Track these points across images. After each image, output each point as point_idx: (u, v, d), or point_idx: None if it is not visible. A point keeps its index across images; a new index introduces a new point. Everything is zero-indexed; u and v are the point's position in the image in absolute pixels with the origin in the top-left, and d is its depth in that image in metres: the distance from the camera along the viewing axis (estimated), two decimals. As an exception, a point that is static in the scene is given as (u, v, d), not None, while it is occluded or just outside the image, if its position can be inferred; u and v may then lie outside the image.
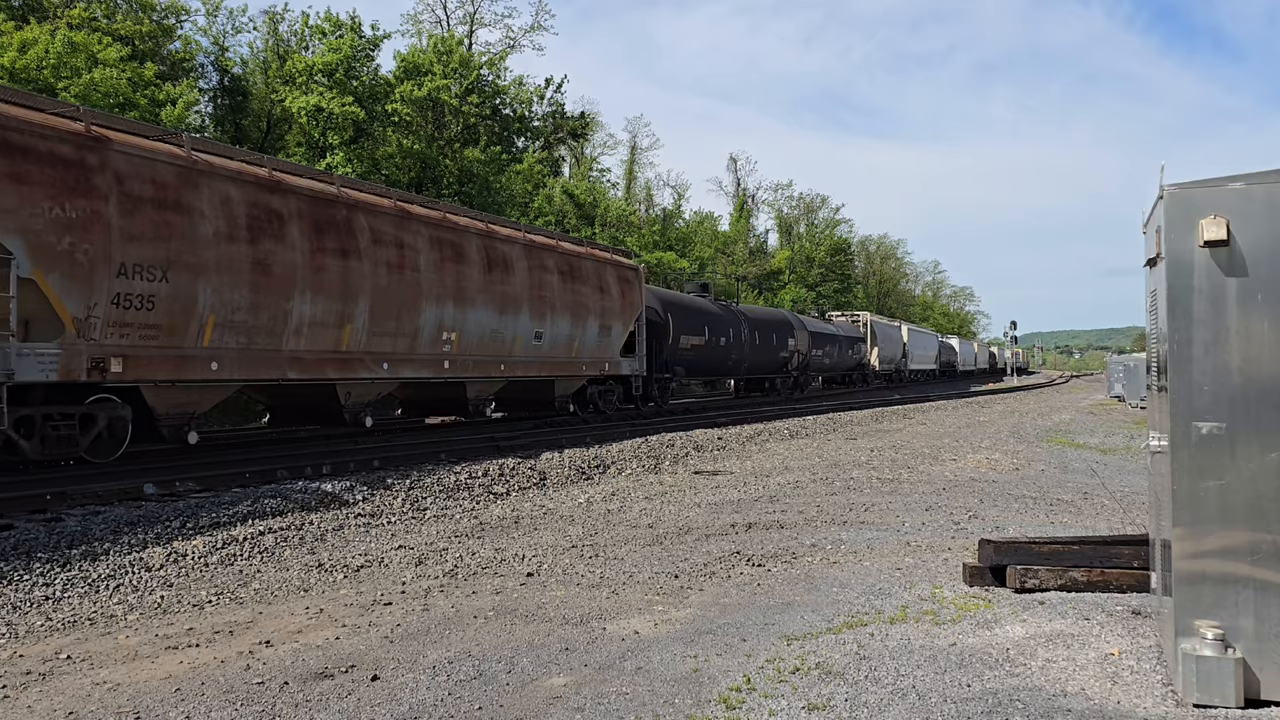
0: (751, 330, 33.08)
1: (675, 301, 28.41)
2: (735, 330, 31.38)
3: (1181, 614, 4.33)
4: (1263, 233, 4.28)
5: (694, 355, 28.49)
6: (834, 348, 42.94)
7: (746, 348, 32.48)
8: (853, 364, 47.40)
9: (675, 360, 27.11)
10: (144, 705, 4.52)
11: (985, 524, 9.20)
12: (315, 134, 29.03)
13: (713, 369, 31.46)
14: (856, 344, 47.64)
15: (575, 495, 11.54)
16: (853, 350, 46.63)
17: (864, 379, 50.32)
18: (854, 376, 49.20)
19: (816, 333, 40.92)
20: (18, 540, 7.86)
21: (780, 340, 35.92)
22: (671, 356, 26.73)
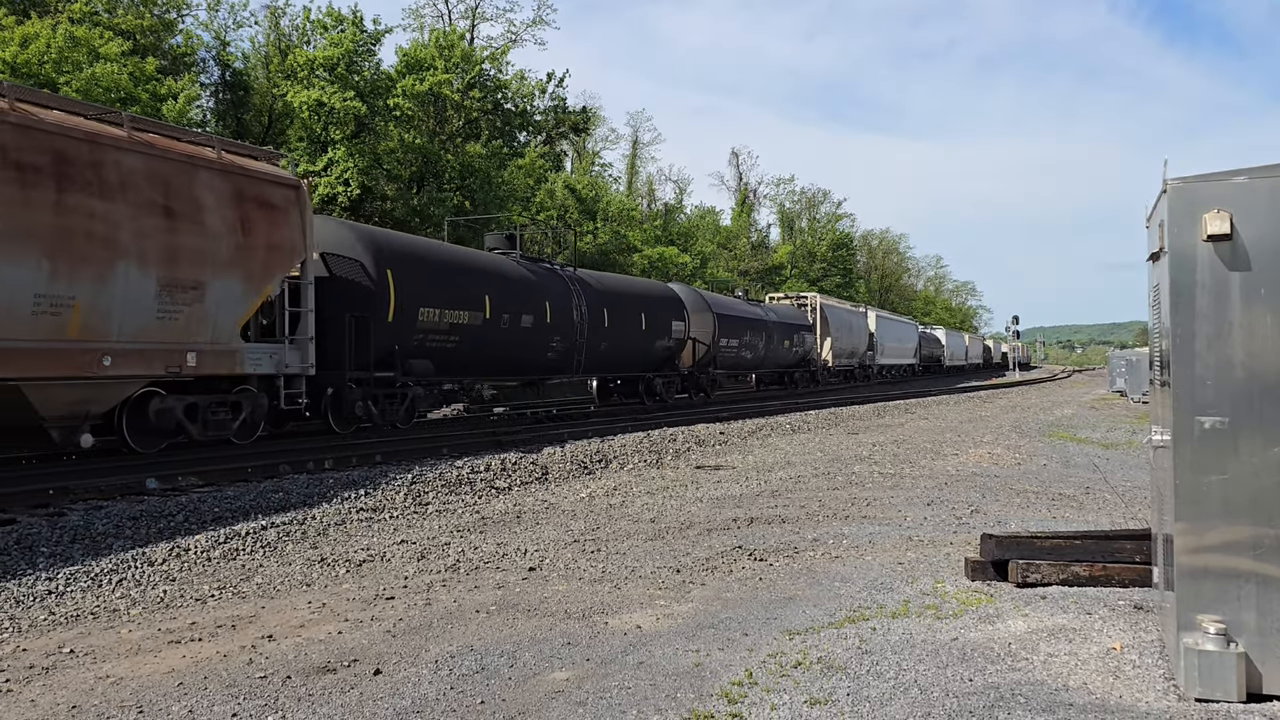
0: (598, 307, 22.18)
1: (410, 252, 16.97)
2: (555, 305, 20.40)
3: (1183, 608, 4.33)
4: (1266, 227, 4.27)
5: (456, 345, 17.40)
6: (758, 337, 32.82)
7: (584, 332, 21.40)
8: (793, 358, 37.51)
9: (415, 351, 16.56)
10: (147, 699, 4.53)
11: (987, 519, 9.20)
12: (317, 129, 29.00)
13: (504, 364, 19.54)
14: (798, 333, 37.47)
15: (577, 490, 11.55)
16: (792, 341, 36.61)
17: (811, 377, 40.08)
18: (796, 375, 38.84)
19: (728, 316, 30.64)
20: (20, 535, 7.88)
21: (658, 325, 25.34)
22: (404, 345, 16.16)
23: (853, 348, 46.20)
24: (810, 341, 39.30)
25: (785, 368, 37.59)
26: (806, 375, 39.54)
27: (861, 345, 48.07)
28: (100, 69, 22.59)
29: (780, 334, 35.29)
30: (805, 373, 39.29)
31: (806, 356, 39.15)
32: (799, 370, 38.84)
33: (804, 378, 39.37)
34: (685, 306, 27.35)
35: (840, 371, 45.42)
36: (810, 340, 39.29)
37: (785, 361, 36.93)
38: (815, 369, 40.41)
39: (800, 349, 37.88)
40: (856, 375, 48.27)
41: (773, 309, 36.73)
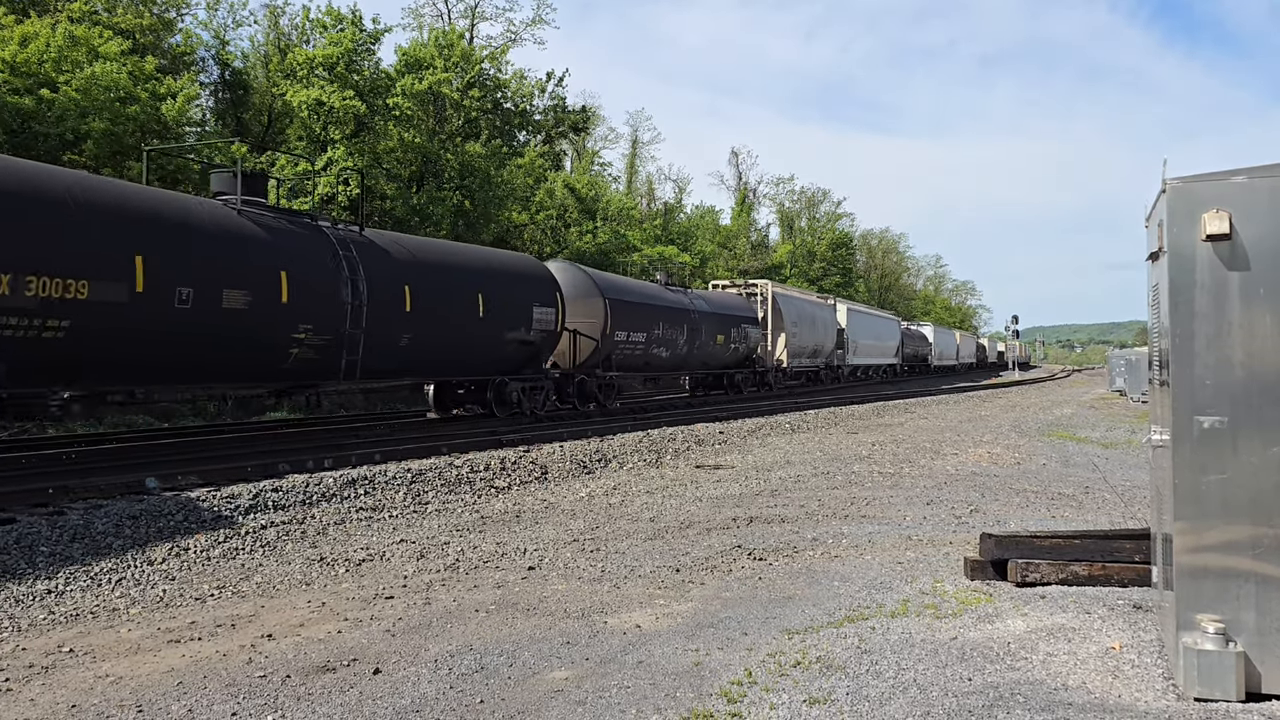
0: (394, 284, 15.31)
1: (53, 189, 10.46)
2: (302, 276, 13.62)
3: (1183, 608, 4.33)
4: (1265, 227, 4.27)
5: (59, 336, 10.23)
6: (676, 331, 25.78)
7: (360, 319, 14.46)
8: (733, 357, 30.50)
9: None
10: (146, 698, 4.53)
11: (986, 518, 9.20)
12: (316, 128, 28.99)
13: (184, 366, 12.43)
14: (738, 327, 30.29)
15: (576, 489, 11.55)
16: (730, 336, 29.50)
17: (759, 380, 33.32)
18: (738, 378, 31.87)
19: (627, 303, 23.21)
20: (20, 534, 7.87)
21: (509, 311, 18.26)
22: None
23: (816, 345, 38.91)
24: (756, 337, 32.01)
25: (722, 369, 30.48)
26: (752, 378, 32.74)
27: (828, 342, 40.59)
28: (100, 68, 22.55)
29: (712, 328, 28.09)
30: (750, 374, 32.53)
31: (752, 355, 32.20)
32: (741, 372, 31.88)
33: (747, 380, 32.51)
34: (559, 289, 20.30)
35: (802, 373, 38.42)
36: (756, 336, 31.96)
37: (721, 361, 29.80)
38: (765, 370, 33.42)
39: (743, 346, 30.80)
40: (823, 377, 40.81)
41: (702, 296, 29.32)
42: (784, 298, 36.00)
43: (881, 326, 54.90)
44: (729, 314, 30.25)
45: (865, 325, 50.01)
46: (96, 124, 22.23)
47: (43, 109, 21.57)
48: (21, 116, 21.37)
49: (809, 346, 38.00)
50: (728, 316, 29.97)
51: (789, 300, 36.59)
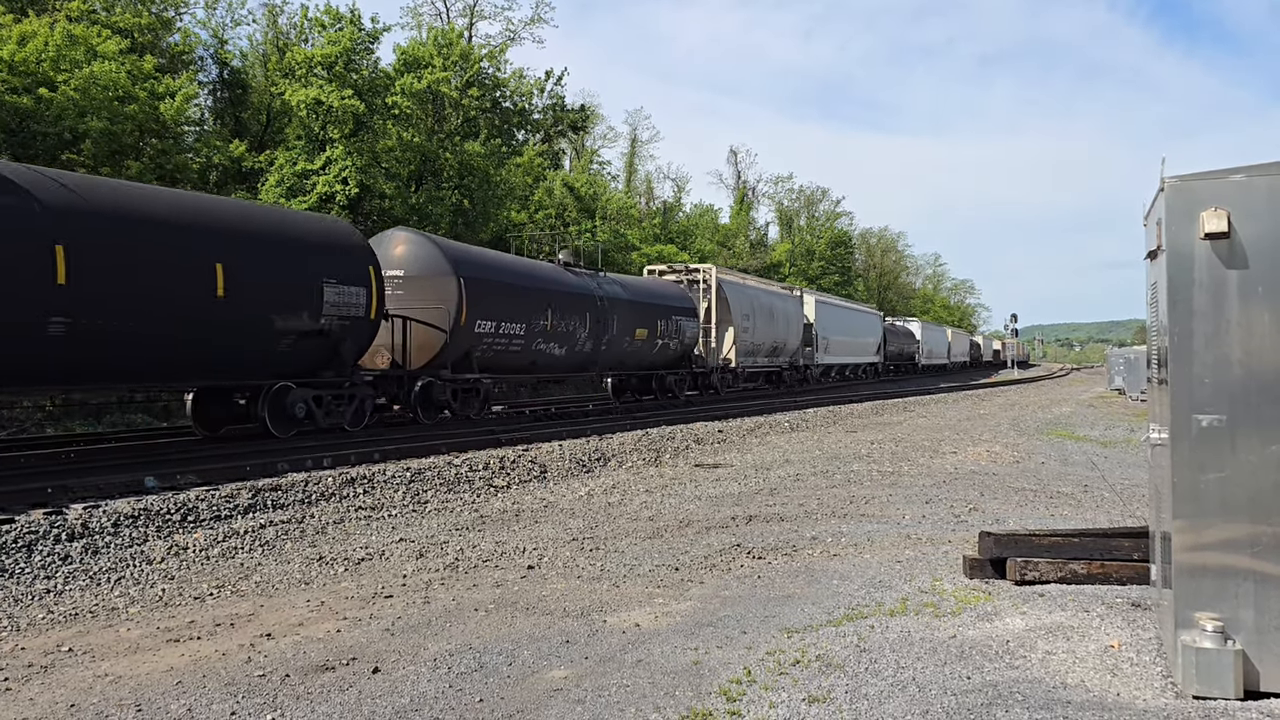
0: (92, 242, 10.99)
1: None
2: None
3: (1181, 606, 4.34)
4: (1264, 225, 4.27)
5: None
6: (576, 323, 21.06)
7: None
8: (663, 356, 25.63)
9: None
10: (145, 697, 4.53)
11: (985, 516, 9.21)
12: (315, 127, 28.97)
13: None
14: (669, 319, 25.43)
15: (576, 488, 11.55)
16: (660, 330, 24.85)
17: (700, 382, 28.47)
18: (669, 380, 26.73)
19: (493, 282, 18.40)
20: (19, 533, 7.87)
21: (284, 292, 13.74)
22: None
23: (777, 342, 33.77)
24: (694, 332, 26.99)
25: (648, 369, 25.59)
26: (689, 380, 27.85)
27: (792, 339, 35.52)
28: (98, 67, 22.53)
29: (629, 319, 23.17)
30: (686, 376, 27.55)
31: (689, 353, 27.33)
32: (675, 373, 26.85)
33: (682, 383, 27.36)
34: (373, 261, 15.19)
35: (759, 374, 34.05)
36: (694, 330, 26.96)
37: (645, 360, 24.89)
38: (708, 370, 28.55)
39: (676, 342, 25.79)
40: (786, 379, 35.97)
41: (618, 282, 24.14)
42: (733, 286, 30.92)
43: (859, 321, 49.53)
44: (656, 303, 25.03)
45: (838, 319, 44.62)
46: (95, 123, 22.22)
47: (41, 108, 21.55)
48: (20, 115, 21.35)
49: (766, 343, 32.93)
50: (654, 306, 24.80)
51: (740, 289, 31.32)
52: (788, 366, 36.19)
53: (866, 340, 50.04)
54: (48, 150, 21.03)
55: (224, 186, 26.72)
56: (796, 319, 36.61)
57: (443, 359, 17.27)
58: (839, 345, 44.06)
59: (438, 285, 17.19)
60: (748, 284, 34.03)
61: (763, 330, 32.31)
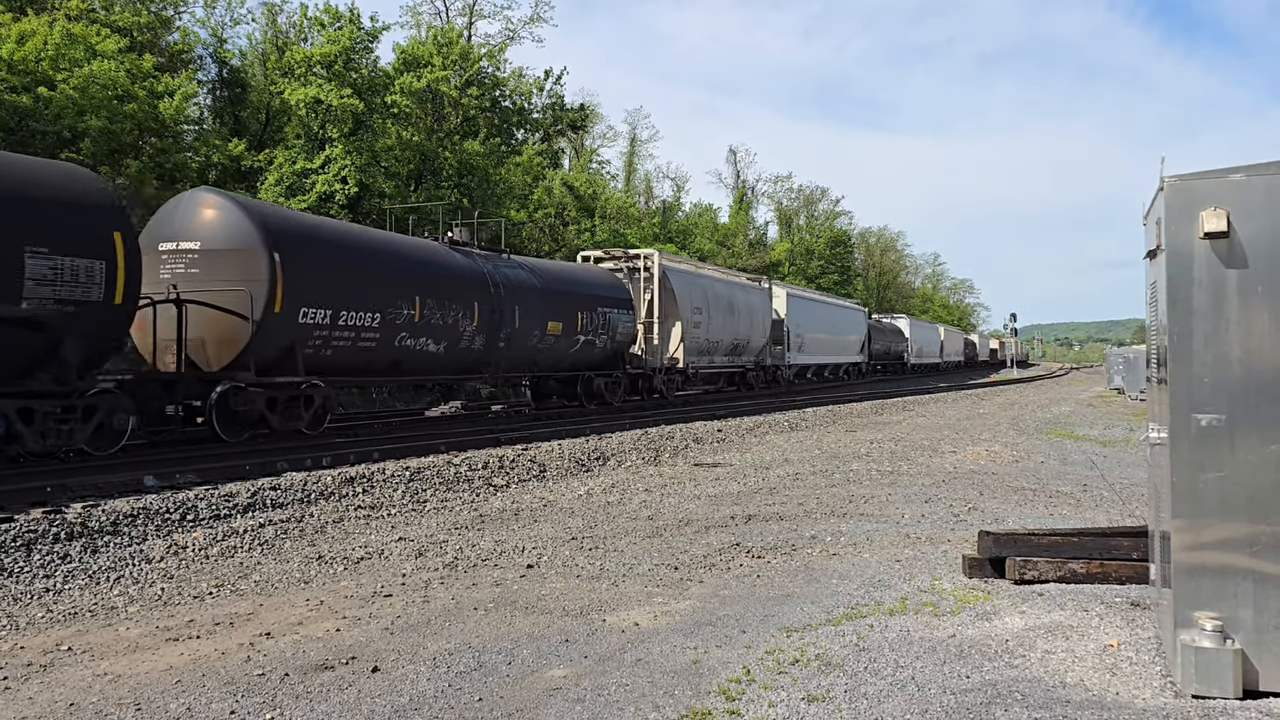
0: None
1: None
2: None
3: (1180, 605, 4.34)
4: (1263, 225, 4.27)
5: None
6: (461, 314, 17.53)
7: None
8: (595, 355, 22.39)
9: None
10: (145, 696, 4.53)
11: (984, 516, 9.21)
12: (314, 126, 28.96)
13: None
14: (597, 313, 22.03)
15: (575, 487, 11.55)
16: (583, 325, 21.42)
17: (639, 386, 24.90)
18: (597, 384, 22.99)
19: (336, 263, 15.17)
20: (18, 532, 7.86)
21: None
22: None
23: (738, 339, 30.03)
24: (628, 328, 23.32)
25: (570, 371, 21.96)
26: (624, 382, 23.87)
27: (757, 336, 31.76)
28: (98, 66, 22.53)
29: (538, 311, 19.48)
30: (619, 379, 23.59)
31: (623, 352, 23.44)
32: (604, 376, 22.98)
33: (614, 386, 23.47)
34: (123, 224, 11.68)
35: (718, 374, 30.54)
36: (628, 326, 23.31)
37: (564, 360, 21.28)
38: (648, 372, 24.74)
39: (606, 339, 22.11)
40: (751, 381, 32.43)
41: (526, 265, 20.50)
42: (681, 275, 27.00)
43: (839, 317, 45.73)
44: (577, 293, 21.30)
45: (815, 315, 40.84)
46: (94, 122, 22.21)
47: (40, 107, 21.55)
48: (19, 114, 21.35)
49: (724, 341, 29.01)
50: (574, 296, 21.08)
51: (689, 279, 27.41)
52: (753, 367, 32.51)
53: (848, 338, 46.63)
54: (46, 149, 21.01)
55: (223, 185, 26.72)
56: (763, 314, 32.66)
57: (246, 358, 13.52)
58: (815, 343, 40.49)
59: (242, 261, 13.41)
60: (702, 273, 30.03)
61: (719, 326, 28.50)
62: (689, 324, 26.60)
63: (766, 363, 33.75)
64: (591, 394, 22.92)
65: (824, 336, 41.95)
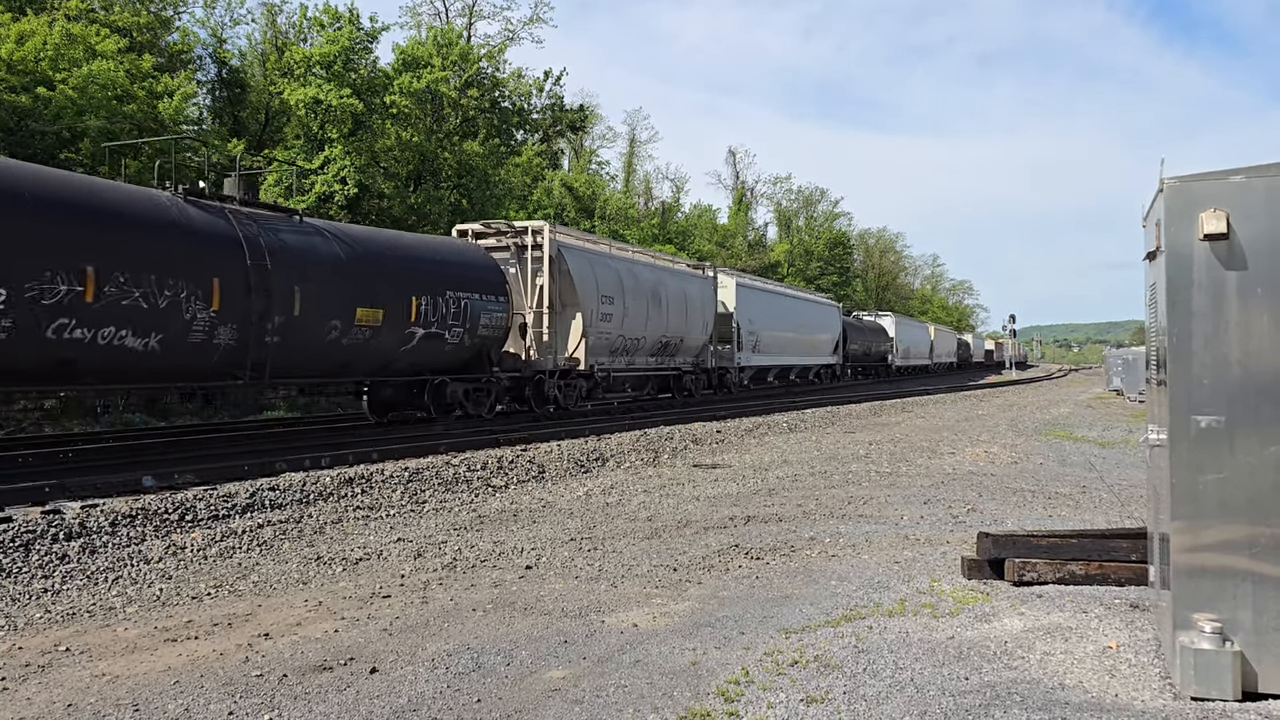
0: None
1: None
2: None
3: (1180, 607, 4.33)
4: (1263, 226, 4.27)
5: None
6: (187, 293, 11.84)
7: None
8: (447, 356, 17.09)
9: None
10: (143, 697, 4.52)
11: (983, 517, 9.20)
12: (314, 127, 28.95)
13: None
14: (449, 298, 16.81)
15: (574, 488, 11.55)
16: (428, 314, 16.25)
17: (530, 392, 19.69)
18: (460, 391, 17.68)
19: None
20: (17, 532, 7.85)
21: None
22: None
23: (668, 336, 24.70)
24: (499, 320, 18.03)
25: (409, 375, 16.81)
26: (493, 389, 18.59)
27: (695, 333, 26.46)
28: (97, 66, 22.53)
29: (344, 294, 14.54)
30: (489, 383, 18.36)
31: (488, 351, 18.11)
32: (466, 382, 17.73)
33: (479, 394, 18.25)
34: None
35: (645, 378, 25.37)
36: (499, 317, 18.02)
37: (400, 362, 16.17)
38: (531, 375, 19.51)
39: (463, 332, 17.03)
40: (689, 386, 27.04)
41: (328, 231, 15.30)
42: (582, 255, 21.48)
43: (807, 313, 39.87)
44: (416, 272, 16.09)
45: (774, 310, 35.23)
46: (93, 122, 22.20)
47: (39, 107, 21.53)
48: (18, 114, 21.34)
49: (648, 338, 23.73)
50: (410, 276, 15.86)
51: (593, 260, 21.85)
52: (692, 369, 27.04)
53: (818, 337, 41.00)
54: (45, 149, 21.00)
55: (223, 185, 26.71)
56: (703, 306, 27.11)
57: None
58: (775, 343, 35.09)
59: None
60: (614, 254, 24.13)
61: (638, 319, 23.07)
62: (594, 315, 21.13)
63: (710, 364, 28.18)
64: (445, 404, 17.35)
65: (788, 335, 36.56)
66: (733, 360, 30.52)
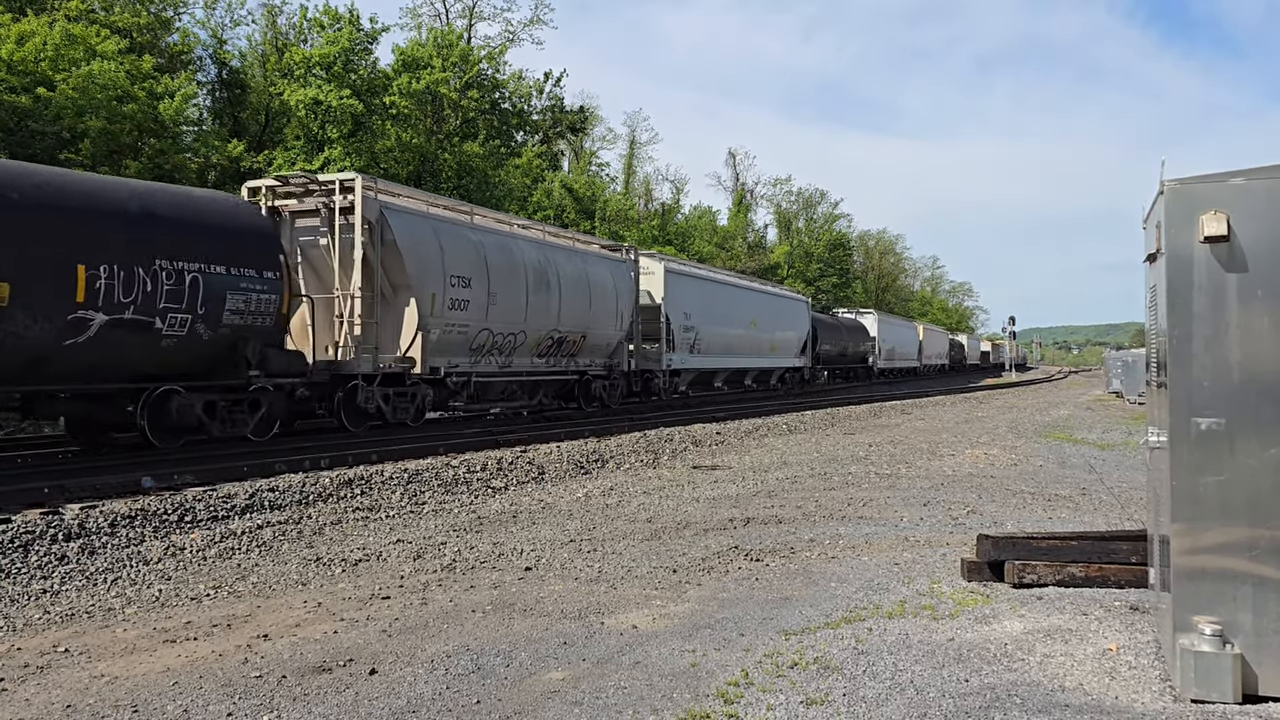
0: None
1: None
2: None
3: (1180, 609, 4.33)
4: (1263, 228, 4.27)
5: None
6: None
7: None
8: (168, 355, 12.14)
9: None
10: (141, 698, 4.52)
11: (983, 519, 9.20)
12: (314, 127, 28.96)
13: None
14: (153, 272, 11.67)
15: (573, 490, 11.54)
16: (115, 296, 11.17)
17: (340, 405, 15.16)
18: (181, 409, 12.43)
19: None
20: (15, 533, 7.85)
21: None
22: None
23: (562, 331, 20.27)
24: (263, 305, 13.45)
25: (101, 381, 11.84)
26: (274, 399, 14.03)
27: (604, 328, 22.03)
28: (97, 66, 22.53)
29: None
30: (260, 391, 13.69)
31: (241, 349, 13.24)
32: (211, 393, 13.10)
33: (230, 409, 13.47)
34: None
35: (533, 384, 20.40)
36: (264, 302, 13.46)
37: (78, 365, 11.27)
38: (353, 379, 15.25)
39: (198, 321, 12.48)
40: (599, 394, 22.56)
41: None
42: (421, 220, 16.70)
43: (763, 307, 33.76)
44: (101, 225, 11.48)
45: (718, 301, 29.38)
46: (93, 122, 22.21)
47: (39, 107, 21.55)
48: (18, 115, 21.35)
49: (531, 333, 19.09)
50: (87, 230, 11.31)
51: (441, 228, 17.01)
52: (605, 373, 22.50)
53: (779, 335, 35.15)
54: (45, 150, 21.01)
55: (223, 186, 26.73)
56: (615, 294, 22.16)
57: None
58: (720, 342, 29.11)
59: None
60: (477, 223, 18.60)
61: (515, 308, 18.36)
62: (436, 303, 16.33)
63: (627, 367, 23.49)
64: (175, 425, 12.68)
65: (735, 332, 30.34)
66: (661, 362, 25.24)
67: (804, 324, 38.94)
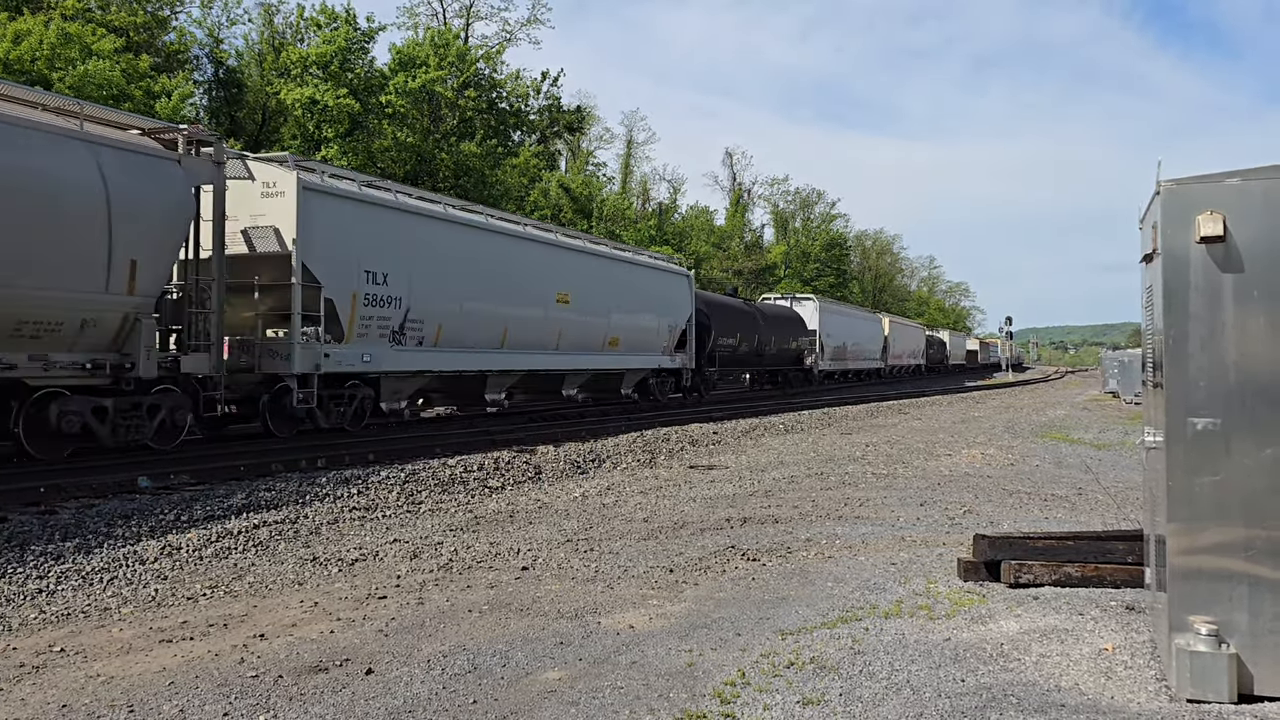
0: None
1: None
2: None
3: (1176, 609, 4.34)
4: (1259, 229, 4.28)
5: None
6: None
7: None
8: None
9: None
10: (137, 698, 4.51)
11: (980, 519, 9.21)
12: (310, 126, 28.94)
13: None
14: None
15: (570, 489, 11.54)
16: None
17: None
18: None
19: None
20: (12, 533, 7.84)
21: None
22: None
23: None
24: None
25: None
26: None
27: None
28: (94, 66, 22.52)
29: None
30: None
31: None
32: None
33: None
34: None
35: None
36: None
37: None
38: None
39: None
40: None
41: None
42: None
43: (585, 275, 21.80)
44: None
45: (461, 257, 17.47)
46: (90, 122, 22.12)
47: (36, 106, 21.46)
48: (14, 114, 21.28)
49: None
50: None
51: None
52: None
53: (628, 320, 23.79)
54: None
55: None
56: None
57: None
58: (474, 328, 17.88)
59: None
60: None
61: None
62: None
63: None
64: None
65: (515, 312, 19.06)
66: (293, 361, 13.99)
67: (682, 308, 27.02)
